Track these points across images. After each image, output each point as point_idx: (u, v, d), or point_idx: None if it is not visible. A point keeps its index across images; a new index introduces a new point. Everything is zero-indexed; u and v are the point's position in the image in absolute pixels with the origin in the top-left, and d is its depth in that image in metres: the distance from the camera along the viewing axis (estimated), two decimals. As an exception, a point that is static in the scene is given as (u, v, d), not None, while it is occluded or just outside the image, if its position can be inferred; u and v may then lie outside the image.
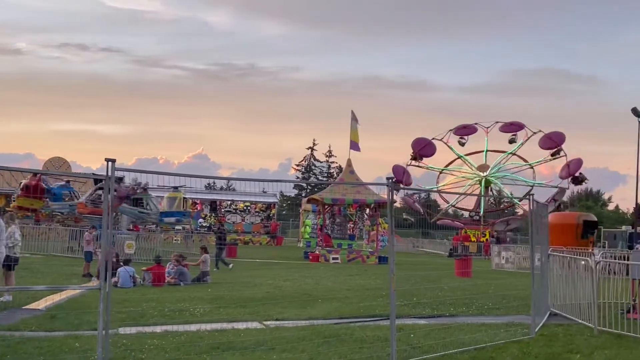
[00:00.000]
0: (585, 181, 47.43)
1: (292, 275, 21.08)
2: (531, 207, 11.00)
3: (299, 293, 15.62)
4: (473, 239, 46.08)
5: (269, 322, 11.23)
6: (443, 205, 56.03)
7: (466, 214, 53.08)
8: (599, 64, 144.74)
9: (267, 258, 31.21)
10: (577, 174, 46.49)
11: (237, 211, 52.92)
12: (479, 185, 49.45)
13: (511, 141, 49.45)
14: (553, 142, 47.65)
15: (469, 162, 51.30)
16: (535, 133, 48.49)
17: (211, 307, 12.62)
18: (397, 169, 49.46)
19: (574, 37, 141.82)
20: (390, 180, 8.39)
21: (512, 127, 49.58)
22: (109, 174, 6.64)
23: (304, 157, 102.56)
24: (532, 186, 48.79)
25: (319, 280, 19.49)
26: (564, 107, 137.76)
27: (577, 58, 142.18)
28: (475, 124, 50.94)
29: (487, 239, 43.52)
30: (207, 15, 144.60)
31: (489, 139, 51.03)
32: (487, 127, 50.36)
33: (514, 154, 50.09)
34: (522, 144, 49.24)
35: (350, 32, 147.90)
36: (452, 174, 52.33)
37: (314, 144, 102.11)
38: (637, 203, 43.94)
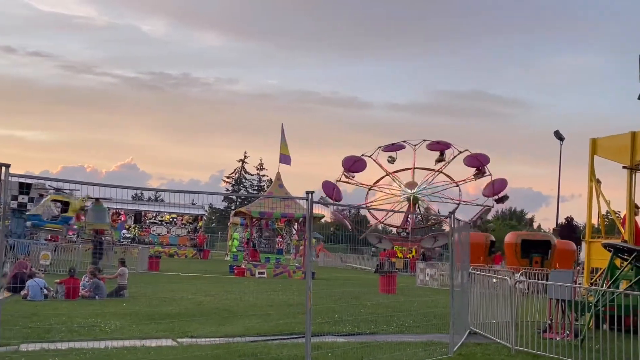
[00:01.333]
0: (506, 199, 48.74)
1: (215, 290, 20.55)
2: (452, 225, 10.98)
3: (218, 309, 15.16)
4: (400, 255, 46.47)
5: (182, 340, 10.79)
6: (372, 221, 56.40)
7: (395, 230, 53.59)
8: (526, 88, 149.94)
9: (191, 272, 30.46)
10: (501, 194, 47.73)
11: (163, 223, 51.71)
12: (407, 202, 50.01)
13: (438, 160, 50.35)
14: (478, 162, 48.83)
15: (397, 180, 51.91)
16: (461, 152, 49.57)
17: (124, 323, 12.06)
18: (326, 184, 49.55)
19: (504, 61, 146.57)
20: (309, 194, 8.14)
21: (439, 146, 50.58)
22: (3, 178, 6.15)
23: (235, 170, 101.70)
24: (458, 204, 49.75)
25: (242, 295, 19.05)
26: (491, 129, 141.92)
27: (505, 82, 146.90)
28: (404, 141, 51.66)
29: (413, 256, 43.93)
30: (142, 23, 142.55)
31: (416, 156, 51.85)
32: (415, 145, 51.13)
33: (441, 172, 50.98)
34: (448, 162, 50.22)
35: (286, 47, 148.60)
36: (382, 191, 52.80)
37: (245, 157, 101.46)
38: (557, 222, 45.30)
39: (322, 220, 43.59)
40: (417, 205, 50.41)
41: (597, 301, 12.48)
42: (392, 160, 50.96)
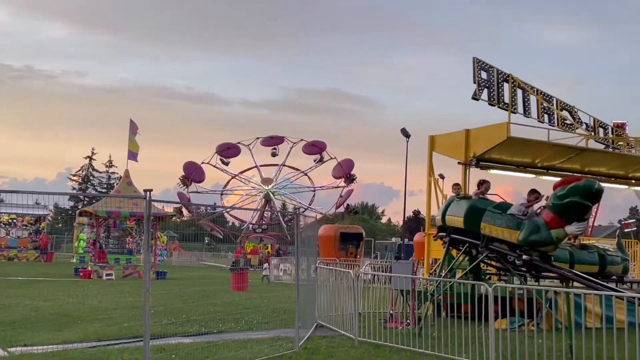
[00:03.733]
0: (355, 180, 50.08)
1: (56, 294, 19.41)
2: (297, 221, 11.07)
3: (58, 314, 14.30)
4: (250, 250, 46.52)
5: (14, 349, 10.04)
6: (230, 219, 56.11)
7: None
8: (378, 87, 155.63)
9: (32, 275, 28.60)
10: (350, 173, 49.04)
11: (1, 224, 48.22)
12: (263, 199, 50.10)
13: (273, 154, 50.60)
14: (317, 149, 49.81)
15: (244, 179, 51.74)
16: (295, 143, 50.23)
17: (-53, 335, 11.04)
18: (189, 165, 48.37)
19: (357, 60, 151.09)
20: (147, 192, 7.84)
21: (314, 148, 50.84)
22: None
23: (81, 167, 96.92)
24: (314, 191, 50.62)
25: (84, 299, 18.13)
26: (345, 126, 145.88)
27: (358, 80, 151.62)
28: (283, 136, 51.52)
29: (269, 252, 44.12)
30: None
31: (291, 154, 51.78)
32: (249, 144, 50.87)
33: (285, 165, 51.42)
34: (318, 163, 50.71)
35: (139, 40, 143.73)
36: (241, 181, 52.39)
37: (92, 153, 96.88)
38: (404, 216, 47.33)
39: (175, 219, 42.53)
40: (271, 201, 50.63)
41: (435, 290, 13.15)
42: (275, 154, 50.74)
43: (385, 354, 10.28)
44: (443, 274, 13.78)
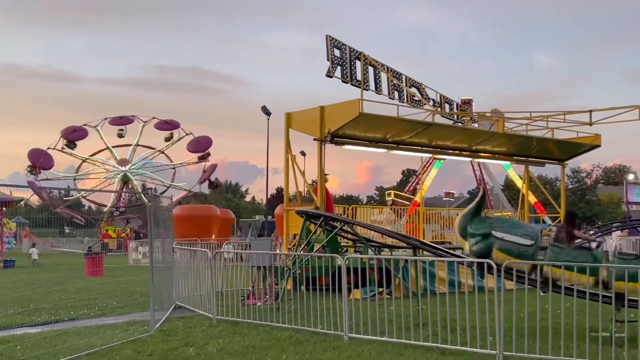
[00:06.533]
0: (220, 187, 50.04)
1: None
2: (150, 202, 10.79)
3: None
4: (113, 235, 44.94)
5: None
6: (87, 204, 53.78)
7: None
8: (242, 65, 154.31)
9: None
10: (212, 179, 48.80)
11: None
12: (121, 180, 48.41)
13: (119, 135, 49.16)
14: (170, 126, 49.01)
15: (113, 156, 49.82)
16: (146, 122, 49.19)
17: None
18: (34, 152, 45.68)
19: (219, 38, 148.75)
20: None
21: (167, 125, 49.42)
22: None
23: None
24: (174, 168, 49.66)
25: None
26: (208, 105, 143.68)
27: (222, 59, 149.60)
28: (133, 116, 49.61)
29: (127, 235, 42.79)
30: None
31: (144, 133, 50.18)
32: (97, 125, 49.05)
33: (139, 145, 50.05)
34: (173, 143, 49.47)
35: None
36: (95, 164, 50.26)
37: None
38: (267, 194, 47.57)
39: (22, 203, 39.97)
40: (129, 183, 49.03)
41: (293, 265, 13.37)
42: (121, 135, 48.73)
43: (243, 330, 10.34)
44: (300, 249, 14.03)
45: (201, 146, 48.60)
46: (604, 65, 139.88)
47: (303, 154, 42.65)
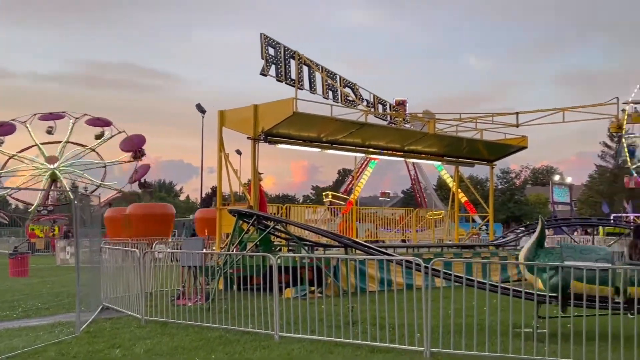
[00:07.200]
0: (152, 188, 49.26)
1: None
2: (75, 201, 10.50)
3: None
4: (41, 235, 43.57)
5: None
6: (13, 202, 52.02)
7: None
8: (176, 62, 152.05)
9: None
10: (142, 180, 47.97)
11: None
12: (49, 178, 47.03)
13: (48, 132, 47.92)
14: (102, 122, 48.00)
15: (42, 152, 48.31)
16: (78, 118, 48.09)
17: None
18: None
19: (153, 34, 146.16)
20: None
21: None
22: None
23: None
24: (105, 166, 48.55)
25: None
26: (142, 102, 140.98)
27: (156, 55, 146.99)
28: (63, 112, 48.15)
29: (54, 235, 41.57)
30: None
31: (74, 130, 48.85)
32: (26, 121, 47.69)
33: (70, 142, 48.80)
34: (104, 140, 48.30)
35: None
36: (22, 161, 48.64)
37: None
38: (201, 193, 46.98)
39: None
40: (59, 180, 47.67)
41: (224, 264, 13.26)
42: (51, 131, 47.18)
43: (173, 331, 10.18)
44: (233, 248, 13.93)
45: (134, 145, 47.68)
46: (535, 69, 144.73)
47: (239, 152, 42.47)
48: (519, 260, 9.33)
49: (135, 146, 47.85)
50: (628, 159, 57.09)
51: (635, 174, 58.26)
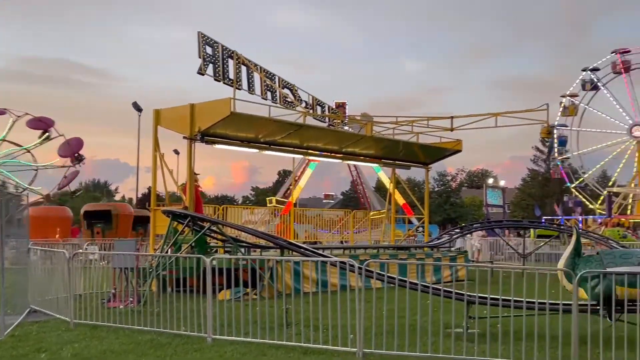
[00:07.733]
0: (83, 162, 47.54)
1: None
2: (1, 201, 10.11)
3: None
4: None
5: None
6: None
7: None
8: (112, 59, 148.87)
9: None
10: (77, 154, 46.36)
11: None
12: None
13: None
14: (43, 124, 46.46)
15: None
16: (19, 117, 46.58)
17: None
18: None
19: (88, 31, 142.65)
20: None
21: (41, 124, 46.46)
22: None
23: None
24: (36, 170, 46.94)
25: None
26: (76, 99, 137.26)
27: (91, 51, 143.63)
28: (5, 109, 46.24)
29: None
30: None
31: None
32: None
33: (6, 140, 47.09)
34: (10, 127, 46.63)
35: None
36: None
37: None
38: (137, 193, 46.16)
39: None
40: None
41: (158, 266, 13.02)
42: None
43: (102, 334, 9.93)
44: (167, 249, 13.71)
45: (72, 149, 46.18)
46: (471, 75, 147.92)
47: (177, 152, 41.75)
48: (559, 270, 8.89)
49: (72, 151, 46.30)
50: (556, 149, 59.05)
51: (560, 165, 60.48)
